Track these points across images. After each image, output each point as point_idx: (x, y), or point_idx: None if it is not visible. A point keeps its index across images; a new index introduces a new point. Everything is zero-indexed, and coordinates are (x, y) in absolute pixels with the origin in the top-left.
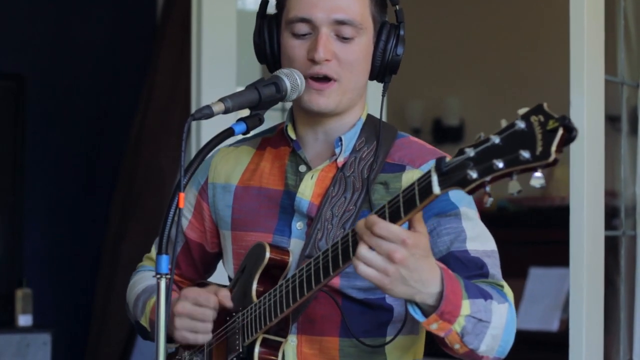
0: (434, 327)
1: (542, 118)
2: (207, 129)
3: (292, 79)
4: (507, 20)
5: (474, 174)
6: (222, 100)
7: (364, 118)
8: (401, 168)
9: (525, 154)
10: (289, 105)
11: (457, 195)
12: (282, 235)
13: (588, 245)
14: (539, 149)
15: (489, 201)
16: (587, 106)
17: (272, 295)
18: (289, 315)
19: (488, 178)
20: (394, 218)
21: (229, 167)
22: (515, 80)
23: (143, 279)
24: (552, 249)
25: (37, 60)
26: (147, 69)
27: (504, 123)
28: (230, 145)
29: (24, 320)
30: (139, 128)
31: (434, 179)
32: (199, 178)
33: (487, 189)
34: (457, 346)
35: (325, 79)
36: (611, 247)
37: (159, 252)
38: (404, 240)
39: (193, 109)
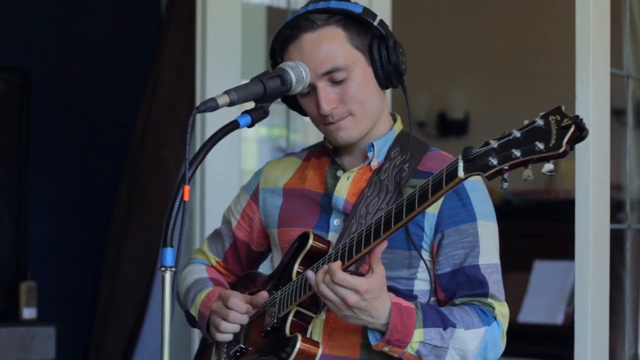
0: (385, 349)
1: (558, 117)
2: (212, 122)
3: (297, 72)
4: (512, 14)
5: (494, 161)
6: (227, 92)
7: (397, 130)
8: (430, 175)
9: (540, 145)
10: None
11: (480, 206)
12: (321, 230)
13: (593, 238)
14: (552, 141)
15: (504, 185)
16: (592, 99)
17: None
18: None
19: (506, 165)
20: (422, 199)
21: (278, 174)
22: (520, 73)
23: (194, 271)
24: (557, 242)
25: (42, 54)
26: (152, 63)
27: (526, 122)
28: (280, 157)
29: (29, 313)
30: (144, 121)
31: (460, 165)
32: (252, 185)
33: (505, 175)
34: None
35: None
36: (616, 240)
37: (164, 245)
38: (358, 289)
39: (198, 102)
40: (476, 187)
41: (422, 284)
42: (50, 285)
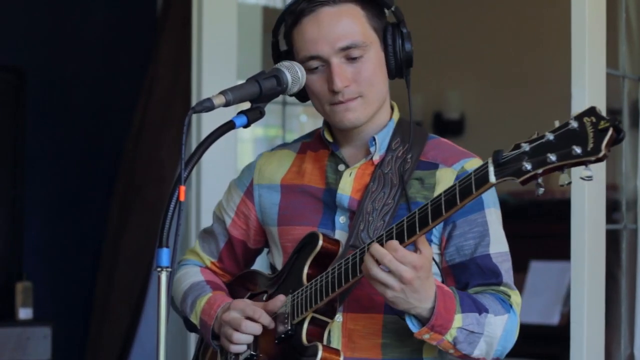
0: (426, 337)
1: (594, 119)
2: (208, 122)
3: (292, 72)
4: (507, 14)
5: (528, 166)
6: (222, 93)
7: (395, 119)
8: (434, 166)
9: (578, 150)
10: (290, 98)
11: (486, 193)
12: (326, 228)
13: (589, 238)
14: (590, 145)
15: (540, 191)
16: (588, 99)
17: (323, 277)
18: (336, 299)
19: (540, 170)
20: (450, 205)
21: (273, 169)
22: (515, 73)
23: (189, 274)
24: (553, 242)
25: (37, 53)
26: (147, 62)
27: (557, 123)
28: (272, 149)
29: (24, 313)
30: (140, 121)
31: (491, 169)
32: (244, 180)
33: (540, 180)
34: (450, 351)
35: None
36: (612, 240)
37: (160, 245)
38: (415, 265)
39: (194, 102)
40: None
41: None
42: (46, 286)
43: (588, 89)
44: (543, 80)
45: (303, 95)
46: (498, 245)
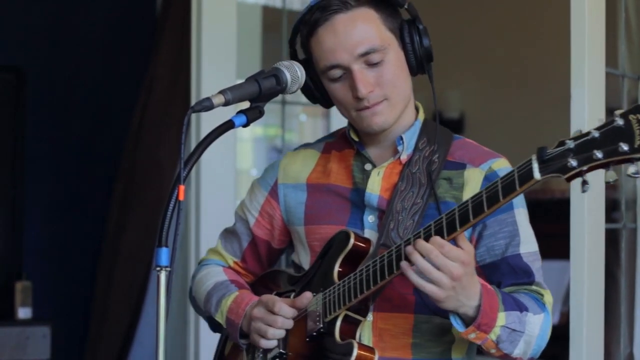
0: (472, 337)
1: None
2: (207, 122)
3: (292, 71)
4: (507, 13)
5: (574, 163)
6: (222, 92)
7: (421, 119)
8: (462, 166)
9: (625, 147)
10: (289, 97)
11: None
12: (355, 227)
13: (589, 238)
14: (638, 142)
15: (586, 188)
16: (587, 99)
17: (357, 275)
18: (369, 298)
19: (586, 167)
20: (492, 201)
21: (297, 168)
22: (515, 73)
23: (212, 274)
24: (552, 241)
25: (37, 53)
26: (147, 62)
27: (598, 122)
28: (295, 149)
29: (24, 313)
30: (139, 121)
31: (535, 166)
32: (269, 180)
33: (585, 177)
34: (492, 351)
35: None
36: (612, 239)
37: (159, 245)
38: (463, 260)
39: (193, 102)
40: None
41: None
42: (45, 285)
43: (587, 89)
44: (543, 80)
45: (328, 101)
46: (528, 245)
